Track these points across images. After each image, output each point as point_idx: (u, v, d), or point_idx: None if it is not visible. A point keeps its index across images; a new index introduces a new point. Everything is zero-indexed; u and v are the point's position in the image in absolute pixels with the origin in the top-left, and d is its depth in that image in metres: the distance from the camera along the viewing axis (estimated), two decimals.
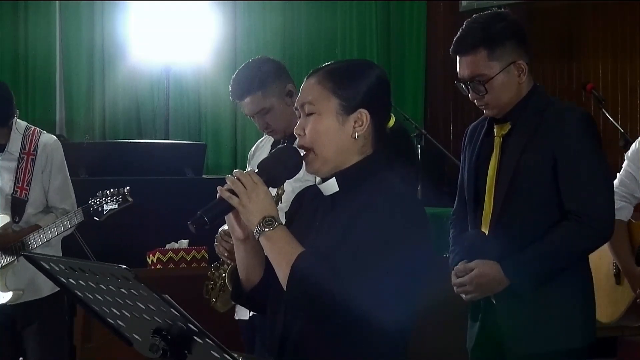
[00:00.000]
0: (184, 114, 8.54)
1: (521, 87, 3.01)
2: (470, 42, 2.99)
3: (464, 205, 3.16)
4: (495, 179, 3.01)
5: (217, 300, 3.63)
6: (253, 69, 3.50)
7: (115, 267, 1.79)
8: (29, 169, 3.95)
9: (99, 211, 3.77)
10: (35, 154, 3.96)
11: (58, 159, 4.03)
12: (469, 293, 3.00)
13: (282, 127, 3.49)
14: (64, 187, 4.03)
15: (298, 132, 2.24)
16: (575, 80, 7.93)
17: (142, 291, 1.80)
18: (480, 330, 3.05)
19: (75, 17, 8.17)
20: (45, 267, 2.03)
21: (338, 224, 2.17)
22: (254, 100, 3.46)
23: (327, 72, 2.25)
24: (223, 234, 3.44)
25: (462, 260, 3.05)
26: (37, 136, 4.01)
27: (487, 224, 3.01)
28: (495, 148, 3.04)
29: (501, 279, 2.93)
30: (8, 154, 3.97)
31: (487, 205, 3.02)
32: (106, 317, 2.06)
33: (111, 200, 3.76)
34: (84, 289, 2.00)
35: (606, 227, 2.96)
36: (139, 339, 2.02)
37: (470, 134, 3.19)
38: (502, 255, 2.95)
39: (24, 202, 3.93)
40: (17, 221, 3.92)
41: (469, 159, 3.13)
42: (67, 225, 3.82)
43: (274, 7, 8.74)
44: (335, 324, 2.09)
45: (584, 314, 2.99)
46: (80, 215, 3.81)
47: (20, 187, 3.93)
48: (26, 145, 3.97)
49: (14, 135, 3.99)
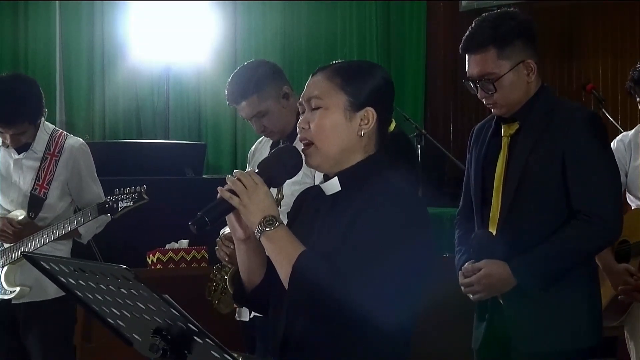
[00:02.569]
0: (184, 114, 8.55)
1: (530, 86, 3.00)
2: (480, 40, 2.98)
3: (469, 205, 3.15)
4: (503, 179, 3.00)
5: (220, 302, 3.63)
6: (248, 73, 3.49)
7: (115, 267, 1.79)
8: (51, 169, 3.96)
9: (113, 208, 3.75)
10: (60, 156, 3.97)
11: (85, 163, 4.03)
12: (476, 293, 3.00)
13: (280, 129, 3.49)
14: (95, 189, 4.03)
15: (302, 125, 2.23)
16: (575, 80, 7.94)
17: (142, 291, 1.80)
18: (487, 330, 3.04)
19: (75, 17, 8.17)
20: (45, 267, 2.02)
21: (340, 224, 2.17)
22: (251, 103, 3.46)
23: (335, 69, 2.25)
24: (224, 238, 3.44)
25: (470, 260, 3.04)
26: (63, 139, 4.02)
27: (495, 223, 3.00)
28: (503, 148, 3.03)
29: (509, 278, 2.93)
30: (32, 152, 3.99)
31: (495, 205, 3.01)
32: (106, 317, 2.06)
33: (127, 198, 3.74)
34: (84, 289, 2.00)
35: (614, 227, 2.95)
36: (139, 339, 2.02)
37: (476, 134, 3.19)
38: (509, 255, 2.94)
39: (42, 200, 3.94)
40: (32, 217, 3.93)
41: (475, 159, 3.12)
42: (80, 221, 3.80)
43: (274, 7, 8.75)
44: (336, 324, 2.08)
45: (591, 314, 2.99)
46: (95, 212, 3.79)
47: (40, 185, 3.94)
48: (51, 147, 3.98)
49: (40, 134, 4.00)
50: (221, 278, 3.63)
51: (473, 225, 3.12)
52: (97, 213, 3.79)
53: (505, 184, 2.99)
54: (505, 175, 3.00)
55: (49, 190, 3.95)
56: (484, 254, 2.99)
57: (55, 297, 3.88)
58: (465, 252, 3.11)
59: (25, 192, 3.96)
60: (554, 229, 2.93)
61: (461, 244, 3.16)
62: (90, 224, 3.97)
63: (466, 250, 3.10)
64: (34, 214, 3.93)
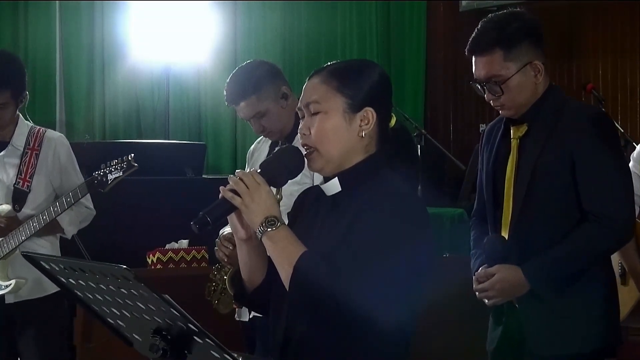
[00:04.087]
0: (184, 114, 8.55)
1: (537, 87, 2.97)
2: (486, 42, 2.94)
3: (484, 206, 3.13)
4: (513, 182, 2.98)
5: (219, 302, 3.63)
6: (247, 73, 3.49)
7: (115, 267, 1.79)
8: (32, 163, 3.96)
9: (102, 182, 3.65)
10: (40, 149, 3.98)
11: (65, 154, 4.03)
12: (491, 298, 2.99)
13: (279, 129, 3.49)
14: (77, 180, 4.01)
15: (303, 131, 2.24)
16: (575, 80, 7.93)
17: (142, 291, 1.80)
18: (504, 334, 3.03)
19: (75, 17, 8.17)
20: (45, 267, 2.02)
21: (340, 224, 2.17)
22: (249, 104, 3.45)
23: (331, 71, 2.25)
24: (223, 238, 3.44)
25: (483, 265, 3.03)
26: (42, 133, 4.03)
27: (507, 226, 2.98)
28: (513, 150, 3.00)
29: (523, 283, 2.91)
30: (12, 148, 3.99)
31: (507, 208, 2.99)
32: (106, 317, 2.06)
33: (115, 169, 3.65)
34: (84, 289, 2.00)
35: (626, 227, 2.94)
36: (139, 339, 2.02)
37: (487, 135, 3.15)
38: (522, 260, 2.93)
39: (26, 193, 3.94)
40: (17, 210, 3.93)
41: (486, 161, 3.10)
42: (70, 201, 3.74)
43: (274, 7, 8.75)
44: (337, 324, 2.08)
45: (607, 316, 2.97)
46: (84, 189, 3.73)
47: (22, 178, 3.95)
48: (31, 142, 3.99)
49: (19, 130, 4.01)
50: (220, 278, 3.63)
51: (487, 227, 3.11)
52: (87, 189, 3.70)
53: (516, 186, 2.97)
54: (516, 178, 2.98)
55: (32, 184, 3.94)
56: (497, 259, 2.98)
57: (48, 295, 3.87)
58: (480, 255, 3.09)
59: (8, 187, 3.96)
60: (565, 230, 2.91)
61: (476, 247, 3.14)
62: (74, 217, 3.94)
63: (481, 254, 3.08)
64: (19, 207, 3.93)
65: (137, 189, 5.26)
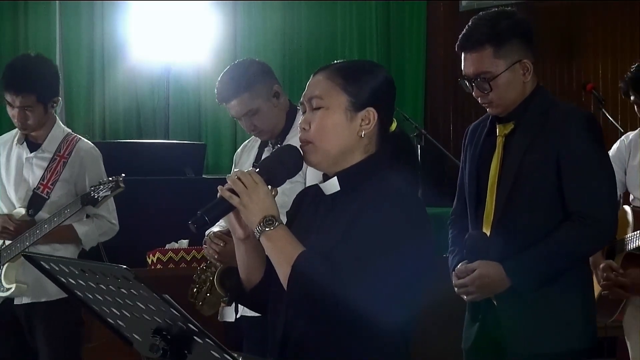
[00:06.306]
0: (184, 114, 8.55)
1: (525, 86, 2.99)
2: (476, 38, 2.97)
3: (463, 205, 3.15)
4: (497, 179, 3.00)
5: (204, 304, 3.60)
6: (239, 71, 3.49)
7: (115, 267, 1.79)
8: (58, 170, 3.99)
9: (94, 198, 3.80)
10: (68, 158, 4.00)
11: (92, 166, 4.04)
12: (470, 294, 3.00)
13: (270, 128, 3.49)
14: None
15: (303, 126, 2.24)
16: (575, 80, 7.94)
17: (142, 291, 1.80)
18: (480, 331, 3.04)
19: (75, 17, 8.17)
20: (45, 267, 2.03)
21: (339, 224, 2.17)
22: (241, 102, 3.45)
23: (337, 68, 2.25)
24: (213, 236, 3.45)
25: (463, 261, 3.04)
26: (74, 141, 4.04)
27: (489, 224, 3.00)
28: (498, 148, 3.02)
29: (503, 279, 2.92)
30: (42, 151, 4.02)
31: (489, 205, 3.00)
32: (106, 317, 2.06)
33: (105, 188, 3.80)
34: (84, 289, 2.00)
35: (609, 228, 2.96)
36: (139, 339, 2.02)
37: (471, 134, 3.18)
38: (504, 256, 2.94)
39: (44, 199, 3.97)
40: (32, 215, 3.95)
41: (470, 159, 3.12)
42: (67, 213, 3.82)
43: (274, 7, 8.75)
44: (336, 324, 2.09)
45: (585, 315, 2.98)
46: (78, 203, 3.83)
47: (44, 184, 3.97)
48: (62, 148, 4.01)
49: (54, 133, 4.04)
50: (206, 279, 3.62)
51: (467, 225, 3.11)
52: (80, 204, 3.82)
53: (500, 184, 2.99)
54: (500, 176, 2.99)
55: (52, 191, 3.97)
56: (478, 255, 2.99)
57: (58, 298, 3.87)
58: (458, 252, 3.10)
59: (28, 189, 3.99)
60: (548, 229, 2.92)
61: (454, 244, 3.16)
62: (93, 229, 4.00)
63: (459, 251, 3.10)
64: (33, 212, 3.95)
65: (137, 189, 5.26)
